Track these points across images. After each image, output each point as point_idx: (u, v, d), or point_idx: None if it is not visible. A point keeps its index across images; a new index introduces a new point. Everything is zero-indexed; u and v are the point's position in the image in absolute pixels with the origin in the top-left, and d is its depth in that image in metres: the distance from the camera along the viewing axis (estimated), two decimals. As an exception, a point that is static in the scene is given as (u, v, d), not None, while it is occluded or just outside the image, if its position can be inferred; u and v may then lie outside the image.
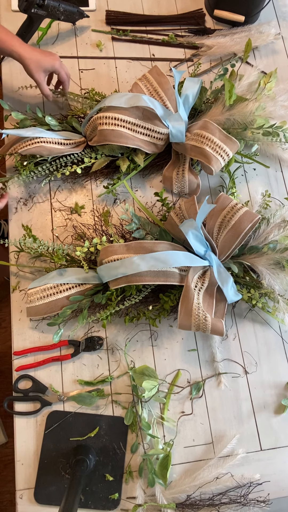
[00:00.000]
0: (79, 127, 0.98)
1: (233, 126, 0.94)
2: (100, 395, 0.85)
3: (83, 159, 0.96)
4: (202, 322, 0.79)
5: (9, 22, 1.10)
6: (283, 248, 0.87)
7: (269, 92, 0.95)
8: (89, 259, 0.90)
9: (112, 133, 0.91)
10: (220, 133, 0.91)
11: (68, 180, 1.00)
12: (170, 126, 0.93)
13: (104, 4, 1.15)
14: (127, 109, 0.91)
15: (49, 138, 0.93)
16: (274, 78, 0.96)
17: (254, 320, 0.93)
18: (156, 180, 1.02)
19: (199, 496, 0.81)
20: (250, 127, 0.92)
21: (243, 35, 1.12)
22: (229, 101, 0.90)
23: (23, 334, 0.90)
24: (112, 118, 0.91)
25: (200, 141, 0.91)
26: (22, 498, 0.81)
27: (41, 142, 0.92)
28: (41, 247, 0.86)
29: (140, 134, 0.93)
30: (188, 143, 0.93)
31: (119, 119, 0.91)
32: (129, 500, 0.81)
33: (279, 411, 0.88)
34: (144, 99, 0.90)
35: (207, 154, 0.90)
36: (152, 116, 0.93)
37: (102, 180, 1.01)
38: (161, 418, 0.85)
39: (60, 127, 0.98)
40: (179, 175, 0.96)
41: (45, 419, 0.84)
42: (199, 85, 0.95)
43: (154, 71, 0.97)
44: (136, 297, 0.84)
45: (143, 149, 0.94)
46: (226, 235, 0.85)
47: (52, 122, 0.96)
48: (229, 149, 0.91)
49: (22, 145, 0.93)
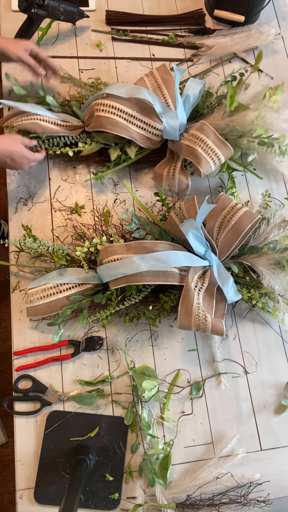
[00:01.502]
0: (79, 112, 0.98)
1: (231, 133, 0.93)
2: (100, 395, 0.85)
3: (77, 143, 0.96)
4: (202, 322, 0.79)
5: (9, 22, 1.10)
6: (283, 248, 0.87)
7: (273, 105, 0.94)
8: (89, 259, 0.90)
9: (108, 120, 0.91)
10: (214, 137, 0.91)
11: (60, 163, 1.00)
12: (164, 121, 0.93)
13: (104, 4, 1.15)
14: (126, 100, 0.92)
15: (45, 116, 0.93)
16: (280, 92, 0.95)
17: (254, 320, 0.93)
18: (151, 177, 1.02)
19: (199, 496, 0.81)
20: (247, 136, 0.92)
21: (243, 35, 1.12)
22: (230, 107, 0.90)
23: (23, 334, 0.90)
24: (110, 106, 0.91)
25: (193, 141, 0.91)
26: (22, 498, 0.81)
27: (37, 119, 0.92)
28: (41, 247, 0.86)
29: (136, 126, 0.94)
30: (182, 143, 0.93)
31: (117, 108, 0.91)
32: (129, 500, 0.81)
33: (279, 411, 0.88)
34: (143, 92, 0.91)
35: (198, 155, 0.90)
36: (150, 111, 0.93)
37: (95, 168, 1.01)
38: (161, 418, 0.85)
39: (60, 108, 0.98)
40: (169, 174, 0.96)
41: (45, 419, 0.84)
42: (202, 87, 0.94)
43: (162, 69, 0.97)
44: (136, 297, 0.84)
45: (136, 142, 0.94)
46: (226, 235, 0.85)
47: (53, 103, 0.97)
48: (222, 154, 0.91)
49: (18, 119, 0.93)
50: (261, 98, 0.95)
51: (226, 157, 0.92)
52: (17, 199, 0.98)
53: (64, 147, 0.96)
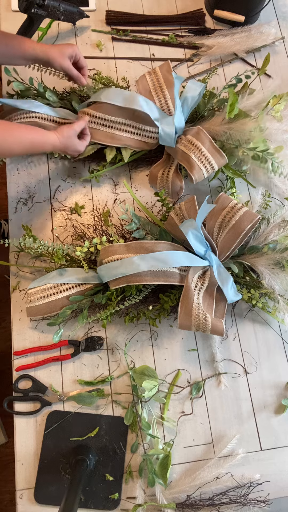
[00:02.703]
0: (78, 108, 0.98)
1: (228, 141, 0.92)
2: (100, 395, 0.85)
3: None
4: (202, 322, 0.79)
5: (9, 22, 1.10)
6: (283, 248, 0.87)
7: (276, 114, 0.92)
8: (89, 259, 0.90)
9: (98, 132, 0.92)
10: (210, 144, 0.90)
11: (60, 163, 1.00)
12: (160, 128, 0.93)
13: (104, 4, 1.15)
14: (119, 109, 0.91)
15: (44, 114, 0.93)
16: (284, 101, 0.92)
17: (254, 320, 0.93)
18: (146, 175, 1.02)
19: (199, 496, 0.81)
20: (243, 146, 0.91)
21: (243, 35, 1.13)
22: (229, 115, 0.89)
23: (23, 334, 0.90)
24: (102, 119, 0.92)
25: (189, 147, 0.91)
26: (22, 498, 0.81)
27: (35, 118, 0.92)
28: (41, 247, 0.86)
29: (129, 133, 0.94)
30: (178, 147, 0.93)
31: (107, 120, 0.92)
32: (129, 500, 0.81)
33: (279, 411, 0.88)
34: (140, 101, 0.90)
35: (191, 162, 0.90)
36: (144, 116, 0.93)
37: (91, 165, 1.01)
38: (161, 418, 0.85)
39: (60, 103, 0.98)
40: (163, 176, 0.97)
41: (45, 419, 0.84)
42: (202, 90, 0.94)
43: (165, 68, 0.96)
44: (136, 297, 0.84)
45: (131, 148, 0.94)
46: (226, 235, 0.85)
47: (52, 98, 0.96)
48: (215, 162, 0.91)
49: (16, 117, 0.93)
50: (264, 106, 0.94)
51: (220, 166, 0.92)
52: (17, 199, 0.98)
53: None
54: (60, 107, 0.97)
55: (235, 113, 0.89)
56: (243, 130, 0.89)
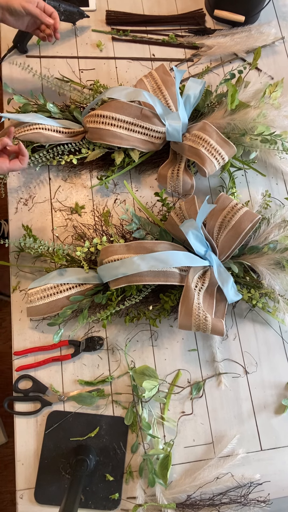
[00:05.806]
0: (80, 117, 0.98)
1: (233, 131, 0.93)
2: (100, 395, 0.85)
3: (80, 149, 0.96)
4: (202, 322, 0.79)
5: (9, 22, 1.10)
6: (283, 248, 0.87)
7: (274, 101, 0.94)
8: (89, 259, 0.90)
9: (108, 133, 0.91)
10: (217, 136, 0.91)
11: (64, 170, 1.00)
12: (167, 124, 0.93)
13: (104, 4, 1.15)
14: (125, 108, 0.91)
15: (48, 125, 0.93)
16: (280, 88, 0.95)
17: (254, 320, 0.93)
18: (154, 178, 1.02)
19: (200, 496, 0.81)
20: (250, 133, 0.92)
21: (243, 35, 1.13)
22: (231, 106, 0.90)
23: (23, 334, 0.90)
24: (109, 118, 0.91)
25: (196, 142, 0.91)
26: (23, 498, 0.81)
27: (39, 129, 0.92)
28: (41, 247, 0.86)
29: (137, 133, 0.93)
30: (185, 143, 0.93)
31: (116, 119, 0.91)
32: (130, 500, 0.81)
33: (279, 411, 0.88)
34: (144, 95, 0.90)
35: (202, 156, 0.90)
36: (150, 115, 0.93)
37: (97, 172, 1.01)
38: (161, 418, 0.85)
39: (61, 115, 0.98)
40: (173, 175, 0.96)
41: (45, 419, 0.84)
42: (202, 86, 0.94)
43: (161, 70, 0.97)
44: (136, 297, 0.84)
45: (138, 149, 0.94)
46: (227, 235, 0.85)
47: (53, 109, 0.96)
48: (225, 153, 0.91)
49: (21, 130, 0.93)
50: (261, 95, 0.95)
51: (230, 156, 0.92)
52: (17, 199, 0.98)
53: (68, 155, 0.96)
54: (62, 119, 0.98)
55: (236, 103, 0.90)
56: (246, 119, 0.91)
